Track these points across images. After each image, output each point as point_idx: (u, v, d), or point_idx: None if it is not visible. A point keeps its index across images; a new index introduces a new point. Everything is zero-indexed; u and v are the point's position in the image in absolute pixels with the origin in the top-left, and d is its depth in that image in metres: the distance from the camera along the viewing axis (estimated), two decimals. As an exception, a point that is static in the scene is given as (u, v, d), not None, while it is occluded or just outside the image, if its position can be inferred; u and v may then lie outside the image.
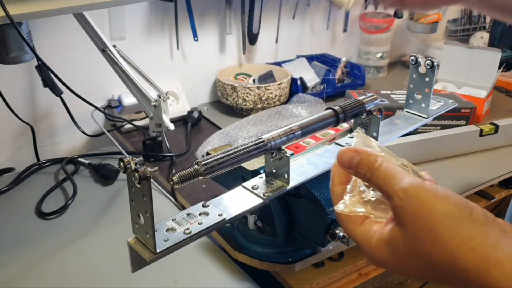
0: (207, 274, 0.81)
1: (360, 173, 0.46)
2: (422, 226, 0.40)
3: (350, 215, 0.46)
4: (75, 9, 0.84)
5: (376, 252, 0.44)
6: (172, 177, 0.53)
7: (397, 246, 0.42)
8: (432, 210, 0.39)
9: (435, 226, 0.39)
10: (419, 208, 0.40)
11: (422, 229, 0.40)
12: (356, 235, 0.46)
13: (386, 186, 0.43)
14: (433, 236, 0.39)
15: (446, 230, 0.39)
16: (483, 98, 1.30)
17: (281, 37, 1.55)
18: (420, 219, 0.40)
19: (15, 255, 0.84)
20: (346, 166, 0.47)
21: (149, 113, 1.04)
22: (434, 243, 0.39)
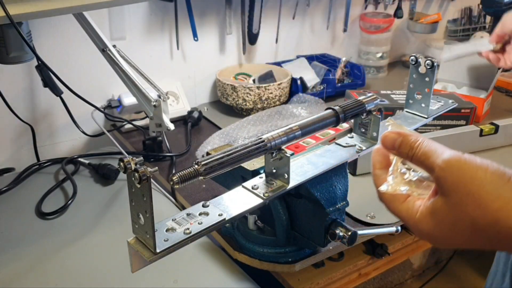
0: (207, 274, 0.81)
1: (403, 152, 0.49)
2: (465, 193, 0.42)
3: (394, 194, 0.50)
4: (75, 9, 0.84)
5: (421, 225, 0.46)
6: (172, 177, 0.53)
7: (441, 216, 0.44)
8: (474, 177, 0.42)
9: (477, 191, 0.41)
10: (461, 176, 0.42)
11: (465, 196, 0.42)
12: (400, 212, 0.48)
13: (428, 160, 0.45)
14: (476, 201, 0.41)
15: (488, 195, 0.41)
16: (483, 98, 1.30)
17: (281, 37, 1.55)
18: (463, 186, 0.42)
19: (15, 255, 0.84)
20: (389, 147, 0.50)
21: (149, 113, 1.04)
22: (477, 208, 0.41)
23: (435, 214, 0.45)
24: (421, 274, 1.53)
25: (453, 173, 0.43)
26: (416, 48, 1.93)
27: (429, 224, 0.45)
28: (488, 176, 0.41)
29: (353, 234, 0.69)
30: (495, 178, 0.41)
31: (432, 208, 0.45)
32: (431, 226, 0.45)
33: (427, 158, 0.46)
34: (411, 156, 0.48)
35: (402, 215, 0.48)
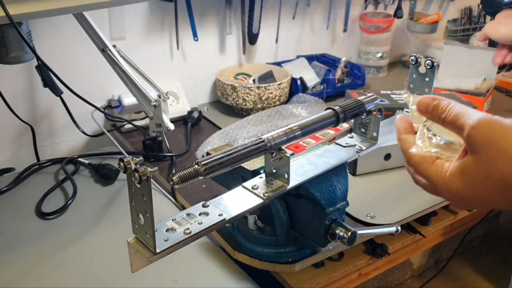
0: (207, 274, 0.81)
1: (436, 115, 0.50)
2: (495, 150, 0.43)
3: (424, 156, 0.51)
4: (75, 9, 0.84)
5: (451, 184, 0.47)
6: (172, 177, 0.53)
7: (471, 174, 0.45)
8: (505, 135, 0.43)
9: (509, 148, 0.43)
10: (492, 134, 0.44)
11: (495, 153, 0.43)
12: (430, 173, 0.50)
13: (459, 121, 0.47)
14: (507, 157, 0.43)
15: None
16: (483, 98, 1.30)
17: (281, 37, 1.55)
18: (494, 143, 0.43)
19: (15, 255, 0.84)
20: (423, 111, 0.52)
21: (149, 113, 1.04)
22: (508, 163, 0.43)
23: (465, 172, 0.46)
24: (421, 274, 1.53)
25: (484, 131, 0.44)
26: (416, 48, 1.93)
27: (459, 183, 0.47)
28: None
29: (353, 234, 0.69)
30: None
31: (462, 167, 0.46)
32: (460, 185, 0.46)
33: (458, 119, 0.47)
34: (443, 118, 0.49)
35: (431, 176, 0.50)
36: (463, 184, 0.46)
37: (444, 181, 0.48)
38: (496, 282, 1.61)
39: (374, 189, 0.98)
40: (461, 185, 0.47)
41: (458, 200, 0.48)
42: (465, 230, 1.26)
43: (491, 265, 1.68)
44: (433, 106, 0.51)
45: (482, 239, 1.75)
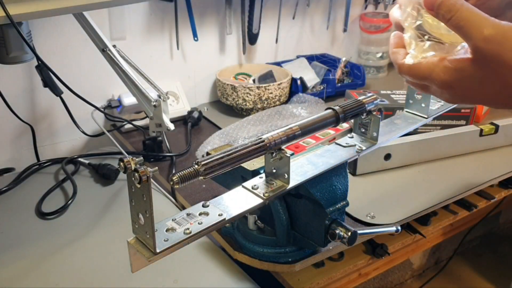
0: (207, 274, 0.81)
1: (440, 13, 0.47)
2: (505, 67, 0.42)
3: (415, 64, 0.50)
4: (75, 9, 0.84)
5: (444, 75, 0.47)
6: (172, 177, 0.53)
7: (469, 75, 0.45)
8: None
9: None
10: (502, 52, 0.42)
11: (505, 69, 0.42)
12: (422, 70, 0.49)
13: (466, 27, 0.44)
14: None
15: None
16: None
17: (281, 37, 1.55)
18: (504, 62, 0.42)
19: (15, 255, 0.84)
20: (429, 7, 0.49)
21: (149, 113, 1.04)
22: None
23: (461, 71, 0.45)
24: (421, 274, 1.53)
25: (493, 48, 0.43)
26: (416, 48, 1.92)
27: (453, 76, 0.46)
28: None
29: (353, 234, 0.69)
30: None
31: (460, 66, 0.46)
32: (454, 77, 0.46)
33: (465, 25, 0.45)
34: (448, 18, 0.46)
35: (424, 72, 0.49)
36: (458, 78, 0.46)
37: (438, 70, 0.48)
38: (496, 282, 1.61)
39: (374, 189, 0.98)
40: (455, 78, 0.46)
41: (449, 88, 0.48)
42: (465, 230, 1.26)
43: (491, 265, 1.68)
44: (439, 2, 0.47)
45: (482, 239, 1.75)
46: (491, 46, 0.42)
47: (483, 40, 0.43)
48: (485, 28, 0.43)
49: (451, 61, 0.47)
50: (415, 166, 1.05)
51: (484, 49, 0.43)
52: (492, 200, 1.09)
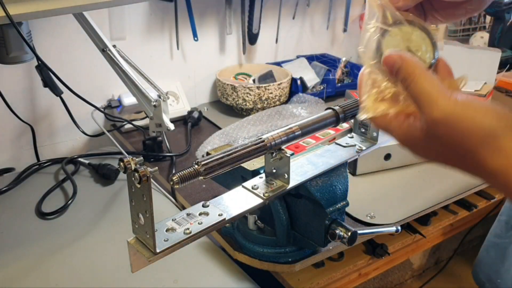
0: (207, 274, 0.81)
1: (399, 79, 0.46)
2: (458, 142, 0.41)
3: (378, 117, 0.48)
4: (75, 9, 0.84)
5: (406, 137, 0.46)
6: (172, 177, 0.53)
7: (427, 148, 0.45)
8: (469, 127, 0.41)
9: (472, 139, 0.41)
10: (457, 128, 0.41)
11: (458, 144, 0.41)
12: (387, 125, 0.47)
13: (421, 101, 0.43)
14: (469, 147, 0.41)
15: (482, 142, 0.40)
16: (483, 98, 1.30)
17: (281, 37, 1.55)
18: (457, 137, 0.41)
19: (15, 255, 0.84)
20: (389, 70, 0.47)
21: (149, 113, 1.04)
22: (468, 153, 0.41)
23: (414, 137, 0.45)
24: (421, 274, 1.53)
25: (446, 129, 0.42)
26: (416, 48, 1.92)
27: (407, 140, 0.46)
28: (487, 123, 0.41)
29: (353, 234, 0.69)
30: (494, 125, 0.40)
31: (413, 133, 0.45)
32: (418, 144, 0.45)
33: (418, 99, 0.43)
34: (406, 86, 0.45)
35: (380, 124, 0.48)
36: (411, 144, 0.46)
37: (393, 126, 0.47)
38: (496, 282, 1.61)
39: (374, 189, 0.98)
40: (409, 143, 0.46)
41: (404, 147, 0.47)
42: (465, 230, 1.26)
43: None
44: (398, 67, 0.46)
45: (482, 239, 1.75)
46: (440, 128, 0.42)
47: (432, 121, 0.42)
48: (435, 110, 0.42)
49: (405, 127, 0.46)
50: (415, 166, 1.05)
51: (433, 128, 0.42)
52: (492, 200, 1.09)
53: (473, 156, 0.41)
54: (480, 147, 0.41)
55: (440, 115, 0.42)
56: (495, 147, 0.40)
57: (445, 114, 0.42)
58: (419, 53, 0.49)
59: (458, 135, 0.41)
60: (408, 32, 0.49)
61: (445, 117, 0.42)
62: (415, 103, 0.44)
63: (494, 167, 0.40)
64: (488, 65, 1.37)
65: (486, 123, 0.41)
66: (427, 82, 0.44)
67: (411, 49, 0.49)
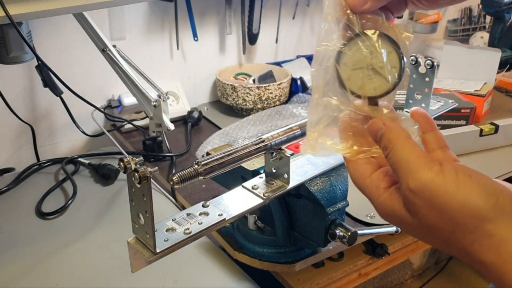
0: (207, 274, 0.81)
1: (381, 146, 0.44)
2: (438, 219, 0.38)
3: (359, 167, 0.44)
4: (75, 9, 0.84)
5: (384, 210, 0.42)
6: (172, 177, 0.53)
7: (407, 224, 0.41)
8: (450, 207, 0.37)
9: (453, 217, 0.37)
10: (435, 202, 0.38)
11: (438, 222, 0.38)
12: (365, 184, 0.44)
13: (399, 171, 0.40)
14: (451, 228, 0.37)
15: (464, 223, 0.36)
16: (483, 98, 1.30)
17: (281, 37, 1.55)
18: (437, 211, 0.37)
19: (15, 255, 0.84)
20: (372, 136, 0.45)
21: (149, 113, 1.04)
22: (451, 234, 0.37)
23: (398, 216, 0.41)
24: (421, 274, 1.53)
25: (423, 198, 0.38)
26: (416, 48, 1.93)
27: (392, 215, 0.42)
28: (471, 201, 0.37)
29: (353, 234, 0.69)
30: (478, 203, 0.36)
31: (397, 211, 0.41)
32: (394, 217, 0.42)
33: (397, 168, 0.41)
34: (386, 154, 0.42)
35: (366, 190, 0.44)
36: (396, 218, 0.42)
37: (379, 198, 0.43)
38: (496, 282, 1.61)
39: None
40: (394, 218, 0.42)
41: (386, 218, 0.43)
42: (465, 230, 1.26)
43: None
44: (380, 135, 0.43)
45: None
46: (417, 202, 0.38)
47: (409, 191, 0.39)
48: (410, 180, 0.39)
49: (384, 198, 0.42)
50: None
51: (410, 201, 0.39)
52: (492, 200, 1.09)
53: (458, 241, 0.37)
54: (465, 231, 0.36)
55: (416, 184, 0.38)
56: (483, 233, 0.36)
57: (421, 185, 0.38)
58: (384, 70, 0.44)
59: (437, 211, 0.37)
60: (373, 45, 0.44)
61: (421, 188, 0.38)
62: (395, 172, 0.41)
63: (483, 259, 0.36)
64: (488, 65, 1.37)
65: (471, 201, 0.36)
66: (402, 151, 0.41)
67: (375, 66, 0.44)
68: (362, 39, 0.43)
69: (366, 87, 0.43)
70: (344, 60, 0.43)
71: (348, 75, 0.43)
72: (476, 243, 0.36)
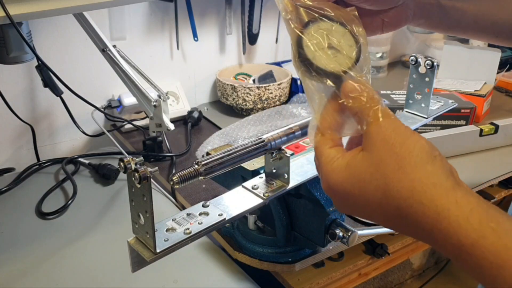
0: (207, 274, 0.81)
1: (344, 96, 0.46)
2: (389, 152, 0.40)
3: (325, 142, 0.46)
4: (75, 9, 0.84)
5: (332, 175, 0.44)
6: (172, 177, 0.53)
7: (357, 170, 0.42)
8: (404, 142, 0.40)
9: (403, 155, 0.40)
10: (393, 136, 0.41)
11: (388, 155, 0.40)
12: (322, 155, 0.45)
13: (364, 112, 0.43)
14: (398, 163, 0.40)
15: (412, 161, 0.39)
16: (483, 98, 1.30)
17: (281, 37, 1.55)
18: (390, 146, 0.40)
19: (15, 255, 0.84)
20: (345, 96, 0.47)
21: (149, 113, 1.04)
22: (397, 170, 0.40)
23: (351, 166, 0.43)
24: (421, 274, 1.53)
25: (387, 131, 0.41)
26: (416, 48, 1.93)
27: (340, 176, 0.43)
28: (419, 144, 0.40)
29: (353, 234, 0.69)
30: (426, 148, 0.40)
31: (350, 160, 0.43)
32: (340, 179, 0.43)
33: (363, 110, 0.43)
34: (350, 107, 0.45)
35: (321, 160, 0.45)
36: (344, 178, 0.43)
37: (328, 170, 0.44)
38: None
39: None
40: (342, 178, 0.43)
41: (335, 195, 0.45)
42: (465, 230, 1.26)
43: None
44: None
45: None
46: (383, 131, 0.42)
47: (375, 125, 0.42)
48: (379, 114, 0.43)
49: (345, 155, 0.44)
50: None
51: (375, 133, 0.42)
52: (492, 200, 1.09)
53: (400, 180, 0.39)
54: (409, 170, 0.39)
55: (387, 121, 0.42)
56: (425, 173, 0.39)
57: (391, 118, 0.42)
58: (343, 50, 0.47)
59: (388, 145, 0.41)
60: (328, 29, 0.48)
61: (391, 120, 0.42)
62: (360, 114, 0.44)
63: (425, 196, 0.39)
64: (488, 65, 1.37)
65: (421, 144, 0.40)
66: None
67: (334, 46, 0.47)
68: (317, 23, 0.48)
69: (331, 64, 0.47)
70: (305, 43, 0.47)
71: (313, 55, 0.47)
72: (421, 182, 0.39)
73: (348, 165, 0.43)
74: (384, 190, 0.40)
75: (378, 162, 0.41)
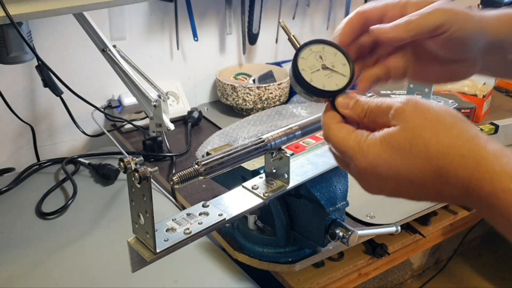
0: (207, 274, 0.81)
1: (357, 110, 0.47)
2: (423, 119, 0.42)
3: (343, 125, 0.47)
4: (75, 9, 0.84)
5: (370, 149, 0.44)
6: (172, 177, 0.53)
7: (395, 141, 0.43)
8: (434, 108, 0.43)
9: (437, 119, 0.42)
10: (422, 107, 0.43)
11: (423, 121, 0.42)
12: (348, 142, 0.46)
13: (385, 103, 0.45)
14: (435, 126, 0.42)
15: (446, 121, 0.42)
16: (483, 98, 1.30)
17: (281, 37, 1.55)
18: (423, 113, 0.42)
19: (15, 255, 0.84)
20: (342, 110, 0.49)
21: (149, 113, 1.04)
22: (435, 133, 0.41)
23: (386, 139, 0.43)
24: (421, 274, 1.53)
25: (412, 106, 0.43)
26: (416, 48, 1.92)
27: (377, 148, 0.43)
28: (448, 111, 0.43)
29: (353, 234, 0.69)
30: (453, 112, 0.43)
31: (384, 134, 0.43)
32: (380, 150, 0.43)
33: (382, 102, 0.45)
34: (366, 108, 0.46)
35: (349, 145, 0.45)
36: (382, 151, 0.43)
37: (363, 149, 0.44)
38: (496, 282, 1.61)
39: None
40: (379, 151, 0.43)
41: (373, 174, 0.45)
42: (465, 230, 1.26)
43: (491, 265, 1.68)
44: (353, 104, 0.47)
45: (482, 239, 1.75)
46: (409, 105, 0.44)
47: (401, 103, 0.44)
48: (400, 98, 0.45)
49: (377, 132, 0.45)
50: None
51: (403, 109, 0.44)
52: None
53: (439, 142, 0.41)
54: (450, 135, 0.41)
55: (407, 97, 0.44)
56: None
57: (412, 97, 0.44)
58: (337, 68, 0.50)
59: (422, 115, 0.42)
60: (319, 51, 0.51)
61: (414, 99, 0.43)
62: (380, 109, 0.45)
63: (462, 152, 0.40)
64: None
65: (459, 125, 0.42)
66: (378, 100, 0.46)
67: (328, 66, 0.50)
68: (309, 48, 0.51)
69: (329, 84, 0.49)
70: (301, 67, 0.50)
71: (310, 77, 0.49)
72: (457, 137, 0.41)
73: (384, 138, 0.43)
74: (425, 154, 0.41)
75: (414, 129, 0.42)
